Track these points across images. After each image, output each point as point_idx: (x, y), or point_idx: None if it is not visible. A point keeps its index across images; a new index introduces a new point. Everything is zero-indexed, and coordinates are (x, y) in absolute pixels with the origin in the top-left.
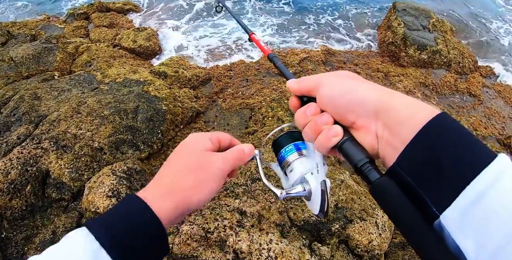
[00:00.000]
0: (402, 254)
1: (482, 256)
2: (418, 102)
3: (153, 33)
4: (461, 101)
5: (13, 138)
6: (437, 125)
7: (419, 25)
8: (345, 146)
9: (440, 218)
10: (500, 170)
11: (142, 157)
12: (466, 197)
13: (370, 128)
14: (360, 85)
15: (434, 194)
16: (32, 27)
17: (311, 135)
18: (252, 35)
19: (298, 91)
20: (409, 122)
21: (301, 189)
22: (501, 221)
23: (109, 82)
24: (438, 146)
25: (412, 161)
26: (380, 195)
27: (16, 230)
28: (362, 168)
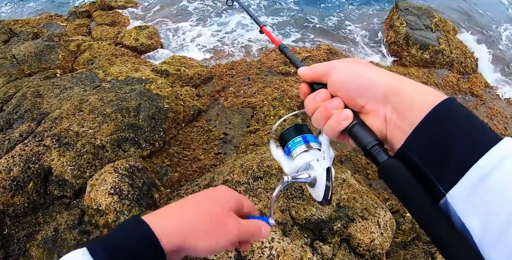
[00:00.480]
0: (404, 254)
1: (487, 233)
2: (427, 87)
3: (155, 31)
4: (463, 101)
5: (15, 136)
6: (445, 108)
7: (422, 24)
8: (355, 130)
9: (446, 197)
10: (505, 151)
11: (144, 155)
12: (472, 176)
13: (379, 112)
14: (370, 70)
15: (441, 174)
16: (34, 25)
17: (321, 120)
18: (264, 27)
19: (309, 77)
20: (418, 106)
21: (307, 175)
22: (506, 200)
23: (111, 80)
24: (445, 128)
25: (420, 143)
26: (388, 176)
27: (18, 227)
28: (371, 150)
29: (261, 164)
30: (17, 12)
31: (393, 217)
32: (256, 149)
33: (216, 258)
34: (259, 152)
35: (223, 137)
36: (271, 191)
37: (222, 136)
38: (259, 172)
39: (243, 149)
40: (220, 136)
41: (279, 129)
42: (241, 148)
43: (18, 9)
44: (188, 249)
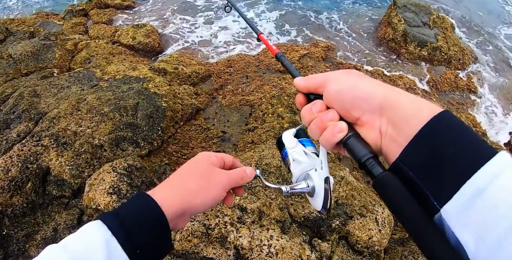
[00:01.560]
0: (402, 250)
1: (481, 249)
2: (422, 100)
3: (152, 29)
4: (461, 98)
5: (13, 136)
6: (440, 122)
7: (420, 21)
8: (350, 142)
9: (441, 212)
10: (500, 166)
11: (142, 154)
12: (466, 191)
13: (374, 124)
14: (365, 82)
15: (435, 189)
16: (30, 24)
17: (316, 131)
18: (261, 35)
19: (306, 88)
20: (413, 119)
21: (305, 185)
22: (501, 216)
23: (109, 79)
24: (440, 142)
25: (415, 157)
26: (382, 189)
27: (17, 227)
28: (365, 163)
29: (259, 162)
30: (24, 8)
31: (391, 214)
32: (255, 147)
33: (215, 256)
34: (258, 150)
35: (222, 135)
36: (269, 189)
37: (221, 134)
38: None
39: (242, 147)
40: (218, 134)
41: (277, 126)
42: (240, 146)
43: (26, 9)
44: (189, 209)
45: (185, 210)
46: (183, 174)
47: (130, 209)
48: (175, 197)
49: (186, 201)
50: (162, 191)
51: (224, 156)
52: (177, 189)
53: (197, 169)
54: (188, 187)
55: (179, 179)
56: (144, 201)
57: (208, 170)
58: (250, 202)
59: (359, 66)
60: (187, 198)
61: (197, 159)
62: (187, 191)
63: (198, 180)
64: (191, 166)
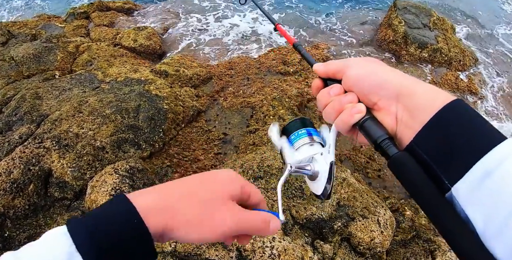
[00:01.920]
0: (404, 252)
1: (490, 226)
2: (437, 89)
3: (153, 32)
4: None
5: (15, 138)
6: (453, 109)
7: (420, 23)
8: (367, 124)
9: (451, 190)
10: (508, 150)
11: (144, 156)
12: (476, 171)
13: (391, 109)
14: (385, 69)
15: (447, 169)
16: (32, 26)
17: (333, 114)
18: (279, 25)
19: (325, 73)
20: (428, 106)
21: (309, 168)
22: (507, 196)
23: (110, 81)
24: (452, 127)
25: (428, 140)
26: (397, 168)
27: (19, 229)
28: (381, 143)
29: (261, 164)
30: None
31: (393, 215)
32: (256, 149)
33: (217, 258)
34: (259, 152)
35: (223, 137)
36: (271, 191)
37: (222, 136)
38: (259, 172)
39: (243, 149)
40: (219, 136)
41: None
42: (241, 148)
43: (28, 11)
44: (168, 234)
45: (163, 234)
46: (187, 188)
47: (106, 219)
48: (161, 215)
49: (171, 225)
50: (149, 201)
51: (253, 190)
52: (167, 207)
53: (207, 192)
54: (181, 210)
55: (176, 193)
56: (124, 211)
57: (217, 201)
58: None
59: None
60: (174, 221)
61: (214, 178)
62: (176, 216)
63: (197, 208)
64: (203, 185)
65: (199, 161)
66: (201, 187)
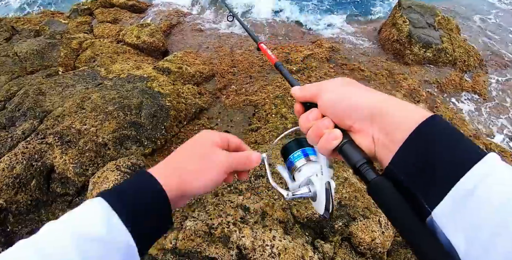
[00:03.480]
0: (405, 252)
1: (472, 249)
2: (411, 106)
3: (157, 29)
4: (466, 99)
5: (18, 133)
6: (428, 127)
7: (425, 22)
8: (344, 148)
9: (432, 214)
10: (488, 167)
11: (146, 153)
12: (456, 193)
13: (367, 131)
14: (356, 92)
15: (426, 192)
16: (36, 22)
17: (314, 139)
18: (261, 44)
19: (302, 97)
20: (402, 125)
21: (307, 190)
22: (489, 216)
23: (113, 78)
24: (429, 146)
25: (405, 161)
26: (376, 194)
27: (21, 224)
28: (360, 168)
29: (262, 163)
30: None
31: None
32: (258, 147)
33: (218, 255)
34: (261, 150)
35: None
36: (272, 189)
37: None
38: (260, 170)
39: None
40: None
41: (281, 127)
42: None
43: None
44: (187, 191)
45: (184, 192)
46: (182, 154)
47: (130, 185)
48: (173, 178)
49: (184, 183)
50: (161, 171)
51: (229, 137)
52: (176, 169)
53: (197, 149)
54: (185, 168)
55: (178, 159)
56: (144, 178)
57: (209, 151)
58: (253, 202)
59: (363, 67)
60: (185, 180)
61: (199, 138)
62: (185, 173)
63: (197, 161)
64: (192, 146)
65: None
66: (193, 146)
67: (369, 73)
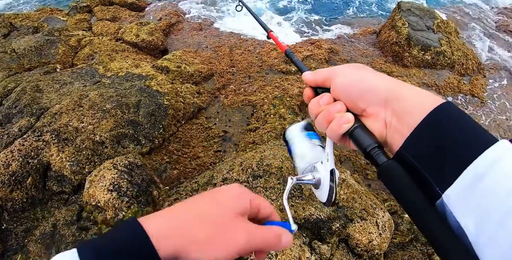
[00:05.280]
0: (402, 254)
1: (482, 232)
2: (426, 92)
3: (156, 27)
4: (464, 102)
5: (14, 130)
6: (442, 112)
7: (424, 25)
8: (356, 133)
9: (442, 197)
10: (500, 153)
11: (143, 152)
12: (467, 176)
13: (380, 115)
14: (371, 75)
15: (437, 175)
16: (34, 19)
17: (324, 123)
18: (271, 32)
19: (313, 81)
20: (416, 110)
21: (311, 177)
22: (500, 200)
23: (111, 76)
24: (442, 131)
25: (417, 145)
26: (386, 177)
27: (17, 222)
28: (371, 152)
29: (260, 163)
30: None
31: (391, 218)
32: (256, 147)
33: None
34: (259, 151)
35: (223, 135)
36: (270, 190)
37: (222, 134)
38: (258, 170)
39: (243, 147)
40: (220, 133)
41: (279, 127)
42: (241, 146)
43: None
44: (183, 258)
45: (176, 258)
46: (193, 211)
47: (116, 241)
48: (171, 241)
49: (182, 249)
50: (158, 227)
51: (262, 203)
52: (178, 230)
53: (214, 210)
54: (192, 232)
55: (185, 217)
56: (134, 234)
57: (228, 219)
58: None
59: None
60: (184, 248)
61: (222, 194)
62: (188, 237)
63: (208, 228)
64: (209, 203)
65: (198, 158)
66: (211, 207)
67: None
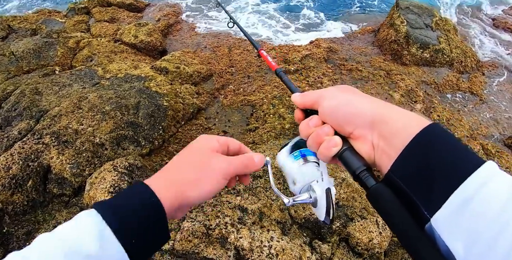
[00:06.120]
0: (402, 253)
1: (471, 255)
2: (412, 114)
3: (154, 28)
4: (463, 100)
5: (14, 133)
6: (428, 134)
7: (422, 23)
8: (344, 155)
9: (431, 221)
10: (487, 175)
11: (143, 153)
12: (455, 200)
13: (367, 138)
14: (357, 98)
15: (425, 198)
16: (32, 21)
17: (314, 146)
18: (261, 51)
19: (302, 104)
20: (402, 132)
21: (307, 196)
22: (488, 223)
23: (110, 78)
24: (429, 153)
25: (405, 168)
26: (375, 201)
27: (18, 225)
28: (359, 175)
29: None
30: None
31: None
32: (256, 147)
33: (215, 256)
34: (259, 151)
35: (223, 135)
36: (270, 190)
37: (222, 134)
38: (258, 171)
39: None
40: (219, 134)
41: (279, 127)
42: None
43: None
44: (184, 202)
45: (181, 203)
46: (179, 162)
47: (126, 197)
48: (171, 189)
49: (182, 194)
50: (158, 182)
51: (228, 140)
52: (173, 179)
53: (194, 156)
54: (182, 178)
55: (175, 169)
56: (140, 190)
57: (207, 157)
58: (251, 203)
59: (360, 68)
60: (183, 190)
61: (196, 144)
62: (182, 182)
63: (194, 169)
64: (189, 153)
65: None
66: (190, 153)
67: (367, 73)
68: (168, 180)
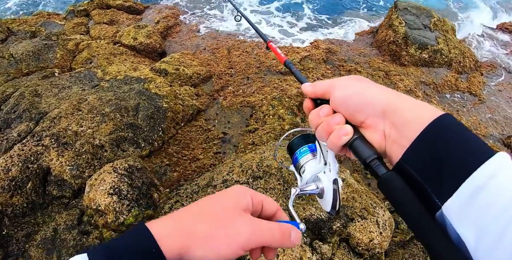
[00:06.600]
0: (402, 253)
1: (481, 244)
2: (424, 104)
3: (154, 30)
4: (462, 100)
5: (13, 135)
6: (441, 124)
7: (420, 24)
8: (355, 144)
9: (442, 209)
10: (498, 165)
11: (143, 155)
12: (466, 189)
13: (378, 127)
14: (370, 87)
15: (437, 187)
16: (32, 23)
17: (324, 135)
18: (270, 43)
19: (313, 93)
20: (414, 122)
21: (314, 187)
22: (499, 211)
23: (110, 79)
24: (441, 143)
25: (417, 157)
26: (386, 189)
27: (17, 227)
28: (370, 163)
29: (260, 164)
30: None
31: (392, 216)
32: (256, 148)
33: None
34: (259, 152)
35: (222, 137)
36: (270, 191)
37: (221, 135)
38: (258, 171)
39: (242, 148)
40: (219, 135)
41: (278, 128)
42: (240, 148)
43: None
44: (188, 255)
45: (181, 256)
46: (198, 208)
47: (124, 243)
48: (176, 239)
49: (186, 249)
50: (164, 228)
51: (265, 200)
52: (182, 228)
53: (216, 208)
54: (197, 228)
55: (190, 215)
56: (141, 237)
57: (230, 214)
58: None
59: (359, 68)
60: (188, 244)
61: (225, 194)
62: (191, 234)
63: (211, 222)
64: (213, 202)
65: (198, 160)
66: (212, 205)
67: (366, 74)
68: (177, 229)
